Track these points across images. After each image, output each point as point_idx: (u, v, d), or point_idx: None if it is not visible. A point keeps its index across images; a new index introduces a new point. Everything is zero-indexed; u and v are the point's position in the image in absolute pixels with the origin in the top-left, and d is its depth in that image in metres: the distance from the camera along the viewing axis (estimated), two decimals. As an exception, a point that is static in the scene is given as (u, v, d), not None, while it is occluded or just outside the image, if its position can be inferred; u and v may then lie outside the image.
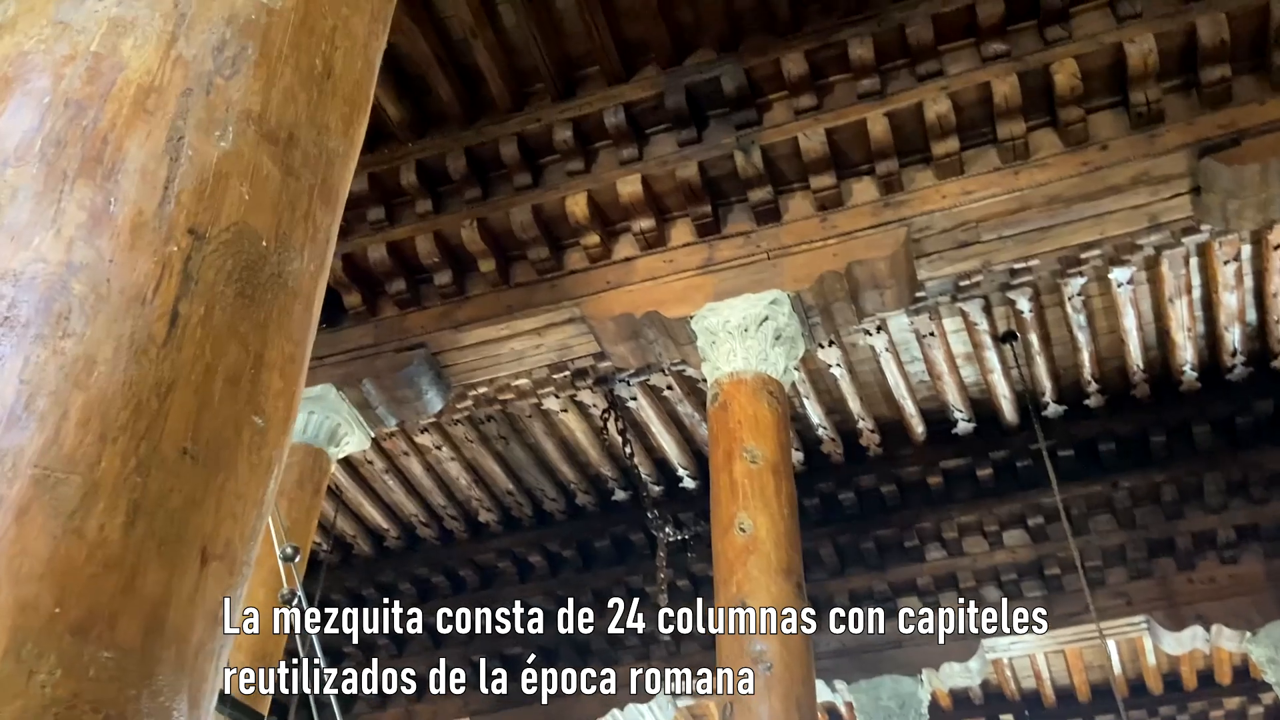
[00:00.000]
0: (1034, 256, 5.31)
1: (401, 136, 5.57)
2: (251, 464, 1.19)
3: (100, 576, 1.00)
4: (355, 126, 1.49)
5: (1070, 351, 6.69)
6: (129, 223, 1.13)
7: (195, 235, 1.15)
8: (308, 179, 1.32)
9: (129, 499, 1.05)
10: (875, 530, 7.50)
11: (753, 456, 4.60)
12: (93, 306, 1.08)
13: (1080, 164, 4.88)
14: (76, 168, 1.15)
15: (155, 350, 1.12)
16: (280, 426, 1.24)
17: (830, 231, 5.19)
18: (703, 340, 5.17)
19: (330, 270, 5.33)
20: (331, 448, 5.78)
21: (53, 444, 1.03)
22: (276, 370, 1.24)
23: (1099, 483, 7.08)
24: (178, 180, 1.17)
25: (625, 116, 5.27)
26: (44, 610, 0.96)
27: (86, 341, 1.08)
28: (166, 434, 1.10)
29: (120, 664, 0.99)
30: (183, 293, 1.13)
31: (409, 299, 5.77)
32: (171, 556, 1.07)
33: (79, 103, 1.20)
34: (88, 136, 1.18)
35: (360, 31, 1.48)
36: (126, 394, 1.08)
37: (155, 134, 1.20)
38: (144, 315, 1.12)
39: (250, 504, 1.17)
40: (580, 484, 7.80)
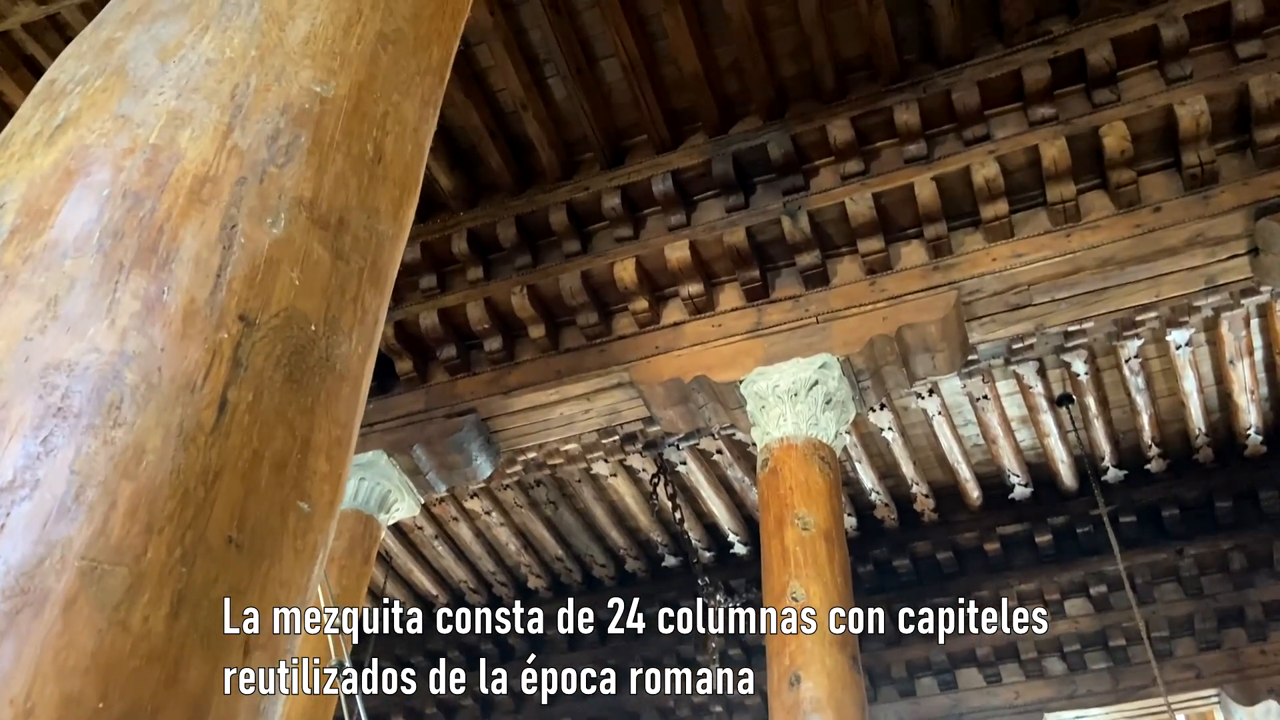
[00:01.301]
0: (1088, 319, 5.23)
1: (453, 206, 5.68)
2: (296, 550, 1.18)
3: (143, 669, 1.00)
4: (405, 209, 1.51)
5: (1129, 414, 6.54)
6: (181, 311, 1.15)
7: (245, 321, 1.17)
8: (357, 262, 1.34)
9: (173, 590, 1.05)
10: (932, 598, 7.32)
11: (804, 523, 4.53)
12: (144, 395, 1.09)
13: (1133, 226, 4.81)
14: (133, 258, 1.18)
15: (204, 438, 1.13)
16: (325, 510, 1.24)
17: (879, 295, 5.16)
18: (752, 405, 5.14)
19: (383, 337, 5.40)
20: (382, 514, 5.80)
21: (100, 535, 1.03)
22: (323, 454, 1.24)
23: (1164, 550, 6.86)
24: (230, 268, 1.19)
25: (673, 184, 5.32)
26: (88, 706, 0.95)
27: (137, 430, 1.09)
28: (212, 523, 1.10)
29: None
30: (232, 379, 1.14)
31: (459, 365, 5.82)
32: (215, 648, 1.06)
33: (137, 194, 1.23)
34: (144, 227, 1.21)
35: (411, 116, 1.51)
36: (174, 483, 1.09)
37: (209, 223, 1.23)
38: (193, 403, 1.13)
39: (294, 590, 1.16)
40: (630, 550, 7.74)
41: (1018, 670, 7.22)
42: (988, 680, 7.27)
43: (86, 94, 1.30)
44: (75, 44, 1.41)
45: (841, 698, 3.99)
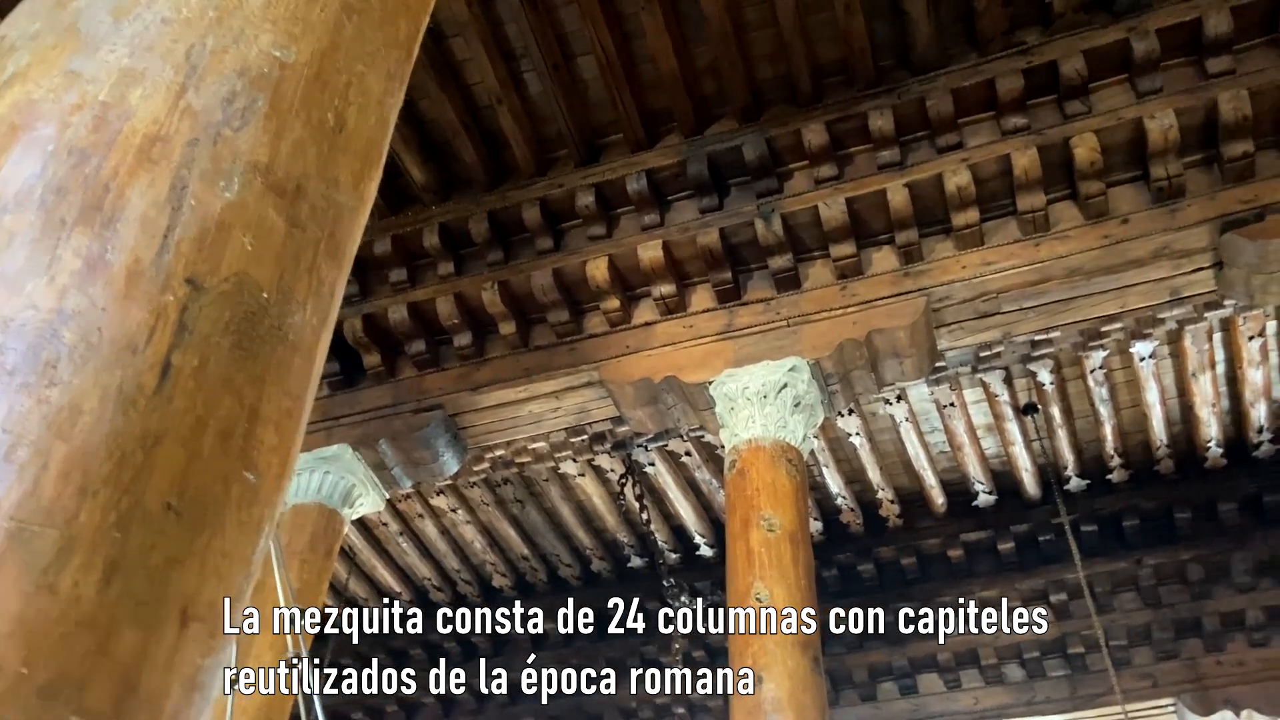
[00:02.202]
0: (1055, 328, 5.27)
1: (425, 199, 5.64)
2: (240, 522, 1.15)
3: (72, 636, 0.97)
4: (367, 182, 1.48)
5: (1092, 425, 6.60)
6: (125, 271, 1.12)
7: (193, 285, 1.14)
8: (314, 232, 1.31)
9: (107, 555, 1.01)
10: (894, 603, 7.35)
11: (770, 525, 4.52)
12: (82, 355, 1.06)
13: (1101, 237, 4.86)
14: (76, 215, 1.14)
15: (144, 401, 1.09)
16: (274, 484, 1.21)
17: (850, 300, 5.17)
18: (721, 406, 5.13)
19: (350, 330, 5.35)
20: (346, 509, 5.74)
21: (31, 496, 1.00)
22: (272, 425, 1.21)
23: (1123, 559, 6.93)
24: (178, 229, 1.16)
25: (648, 183, 5.31)
26: (10, 670, 0.92)
27: (73, 391, 1.06)
28: (151, 488, 1.07)
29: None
30: (176, 343, 1.11)
31: (428, 360, 5.78)
32: (148, 617, 1.03)
33: (83, 150, 1.20)
34: (89, 184, 1.18)
35: (375, 88, 1.48)
36: (111, 446, 1.05)
37: (158, 182, 1.20)
38: (135, 365, 1.10)
39: (237, 563, 1.13)
40: (596, 550, 7.71)
41: (977, 676, 7.27)
42: (948, 686, 7.31)
43: (36, 50, 1.26)
44: (29, 1, 1.37)
45: (803, 699, 3.99)
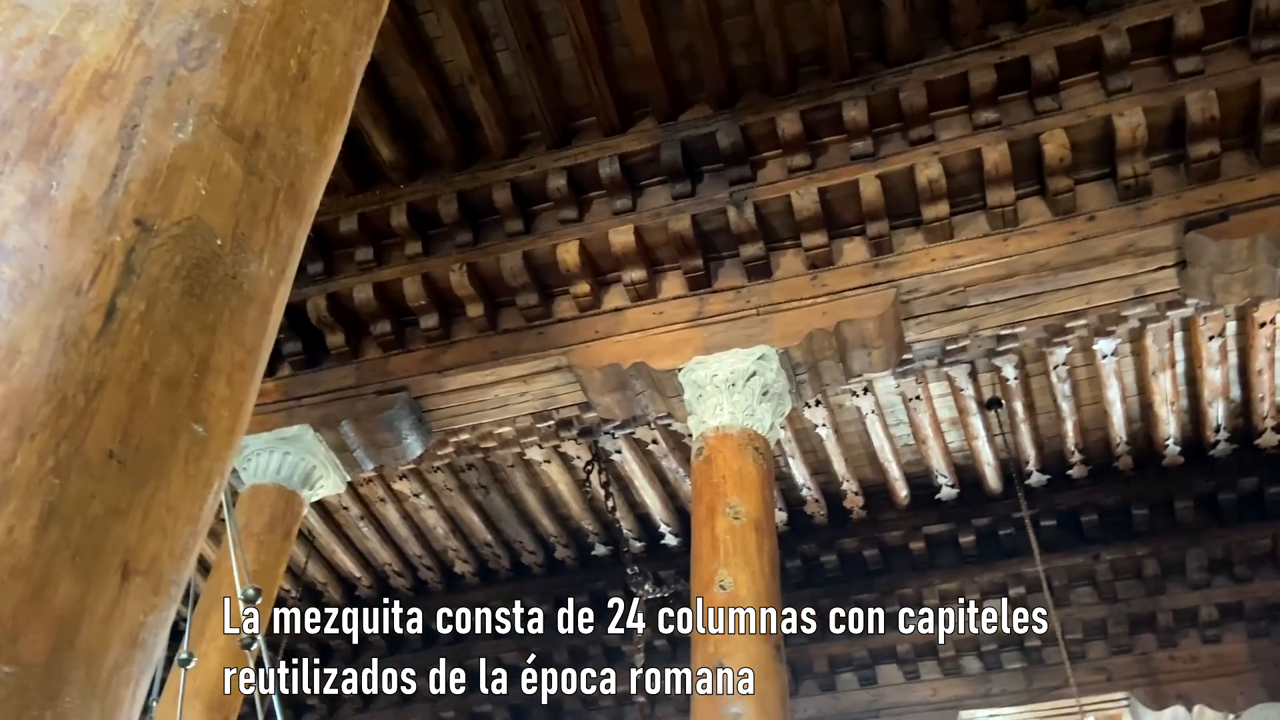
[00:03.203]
0: (1021, 323, 5.30)
1: (394, 178, 5.57)
2: (188, 474, 1.11)
3: (5, 584, 0.93)
4: (330, 133, 1.44)
5: (1054, 421, 6.66)
6: (70, 208, 1.07)
7: (142, 227, 1.09)
8: (273, 181, 1.27)
9: (44, 501, 0.97)
10: (856, 594, 7.39)
11: (735, 512, 4.52)
12: (22, 293, 1.01)
13: (1068, 233, 4.89)
14: (20, 149, 1.09)
15: (87, 344, 1.05)
16: (224, 438, 1.17)
17: (820, 290, 5.17)
18: (689, 393, 5.12)
19: (314, 309, 5.27)
20: (305, 490, 5.66)
21: None
22: (223, 376, 1.17)
23: (1081, 554, 7.00)
24: (128, 169, 1.11)
25: (620, 167, 5.27)
26: None
27: (12, 329, 1.01)
28: (92, 434, 1.02)
29: (21, 681, 0.91)
30: (123, 285, 1.07)
31: (393, 341, 5.71)
32: (87, 568, 0.99)
33: (30, 84, 1.15)
34: (35, 118, 1.13)
35: (341, 39, 1.43)
36: (50, 388, 1.01)
37: (108, 120, 1.15)
38: (78, 306, 1.05)
39: (183, 518, 1.09)
40: (560, 537, 7.68)
41: (936, 668, 7.32)
42: (906, 677, 7.36)
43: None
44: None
45: (765, 687, 3.99)
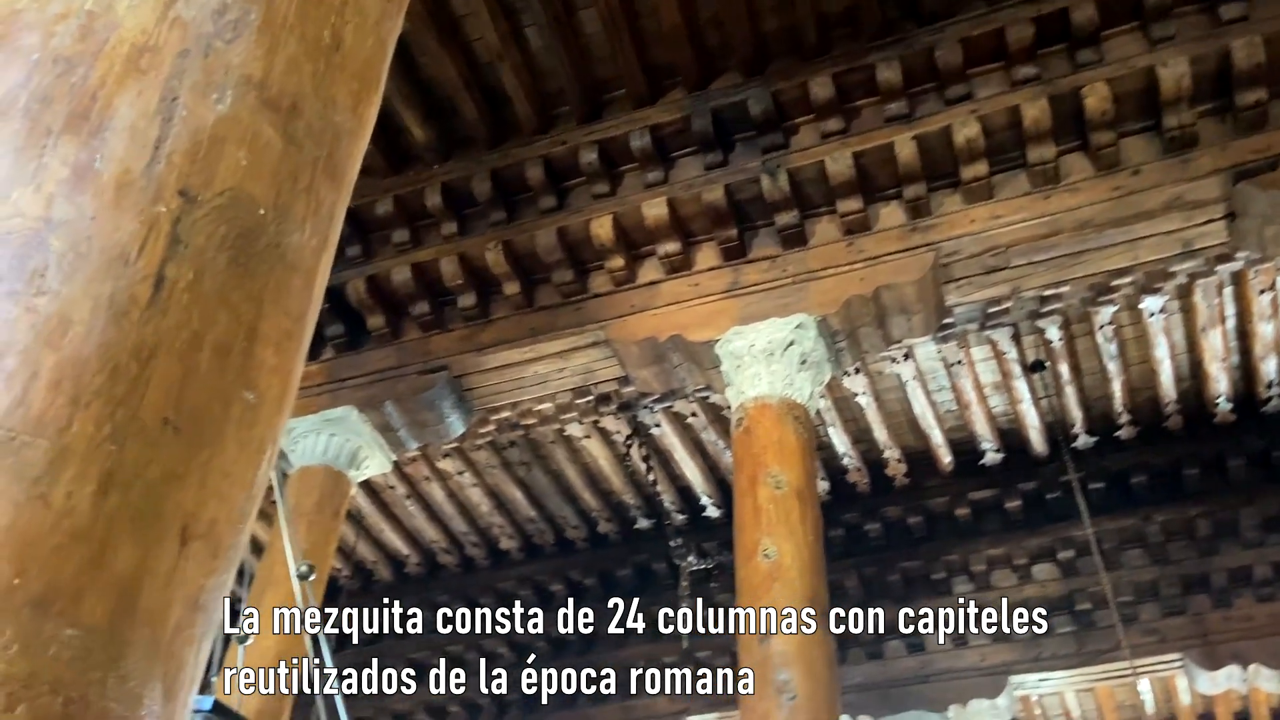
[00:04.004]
0: (1064, 283, 5.22)
1: (427, 159, 5.58)
2: (241, 441, 1.13)
3: (66, 548, 0.95)
4: (365, 104, 1.45)
5: (1101, 382, 6.56)
6: (114, 180, 1.09)
7: (186, 197, 1.11)
8: (311, 151, 1.28)
9: (101, 468, 0.99)
10: (901, 562, 7.36)
11: (777, 482, 4.51)
12: (71, 264, 1.03)
13: (1112, 188, 4.80)
14: (62, 124, 1.11)
15: (137, 313, 1.06)
16: (274, 405, 1.18)
17: (857, 256, 5.12)
18: (727, 364, 5.10)
19: (354, 292, 5.31)
20: (352, 470, 5.74)
21: (19, 405, 0.98)
22: (271, 345, 1.19)
23: (1131, 516, 6.91)
24: (169, 141, 1.13)
25: (651, 139, 5.25)
26: (1, 581, 0.89)
27: (63, 300, 1.03)
28: (146, 402, 1.04)
29: (85, 644, 0.93)
30: (170, 255, 1.08)
31: (432, 321, 5.74)
32: (147, 532, 1.01)
33: (69, 59, 1.17)
34: (76, 93, 1.14)
35: (372, 9, 1.44)
36: (103, 357, 1.03)
37: (147, 93, 1.17)
38: (127, 276, 1.07)
39: (238, 484, 1.11)
40: (603, 512, 7.72)
41: (984, 634, 7.28)
42: (955, 643, 7.33)
43: (19, -39, 1.22)
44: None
45: (812, 654, 3.99)
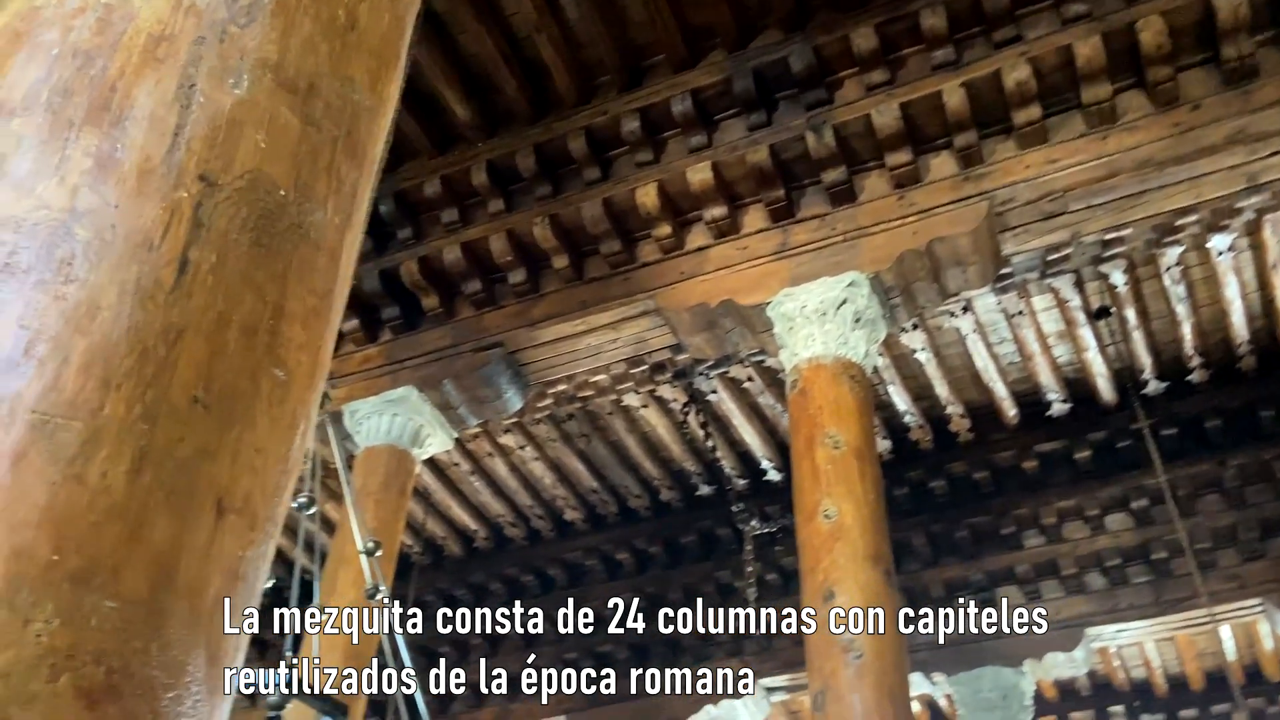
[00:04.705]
0: (1126, 225, 5.07)
1: (471, 137, 5.61)
2: (273, 417, 1.16)
3: (102, 525, 0.98)
4: (385, 82, 1.46)
5: (1170, 325, 6.39)
6: (136, 169, 1.12)
7: (206, 182, 1.13)
8: (330, 130, 1.30)
9: (134, 446, 1.02)
10: (969, 518, 7.28)
11: (835, 442, 4.48)
12: (97, 252, 1.07)
13: (1171, 125, 4.64)
14: (83, 116, 1.14)
15: (163, 296, 1.09)
16: (304, 381, 1.21)
17: (908, 209, 5.04)
18: (780, 326, 5.07)
19: (408, 273, 5.38)
20: (415, 449, 5.84)
21: (52, 389, 1.01)
22: (298, 323, 1.21)
23: (1206, 461, 6.74)
24: (188, 127, 1.15)
25: (693, 103, 5.20)
26: (40, 558, 0.94)
27: (90, 287, 1.06)
28: (175, 382, 1.07)
29: (125, 615, 0.97)
30: (193, 239, 1.11)
31: (485, 299, 5.80)
32: (182, 507, 1.04)
33: (87, 53, 1.20)
34: (95, 85, 1.17)
35: (387, -14, 1.45)
36: (131, 340, 1.06)
37: (165, 81, 1.19)
38: (151, 261, 1.10)
39: (272, 458, 1.14)
40: (664, 480, 7.75)
41: (1058, 587, 7.18)
42: (1027, 597, 7.25)
43: (37, -42, 1.25)
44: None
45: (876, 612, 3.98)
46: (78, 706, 0.91)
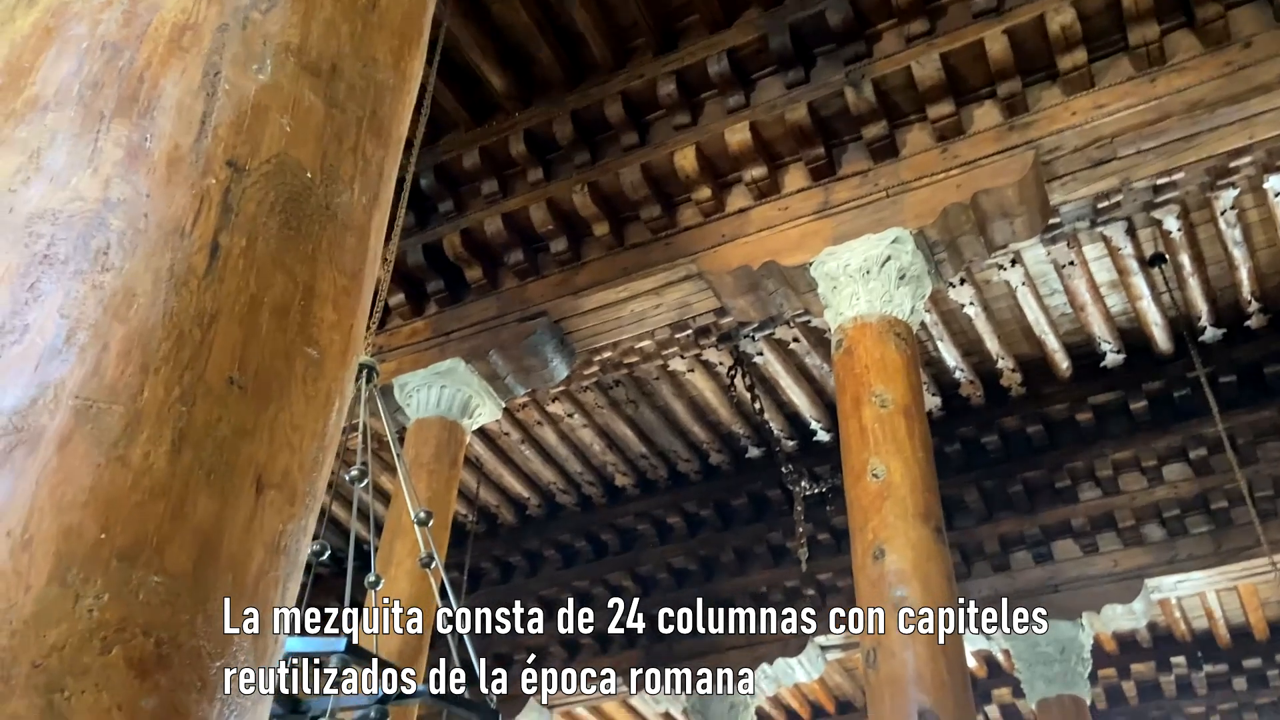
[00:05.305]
0: (1178, 169, 4.95)
1: (508, 107, 5.61)
2: (307, 395, 1.20)
3: (146, 504, 1.02)
4: (408, 59, 1.47)
5: (1226, 270, 6.23)
6: (165, 158, 1.15)
7: (234, 168, 1.16)
8: (354, 111, 1.32)
9: (174, 427, 1.06)
10: (1022, 473, 7.21)
11: (882, 400, 4.45)
12: (131, 241, 1.10)
13: (1223, 64, 4.50)
14: (113, 107, 1.18)
15: (196, 282, 1.13)
16: (337, 359, 1.24)
17: (952, 162, 4.95)
18: (823, 286, 5.03)
19: (450, 246, 5.43)
20: (465, 419, 5.91)
21: (94, 375, 1.05)
22: (329, 302, 1.24)
23: (1266, 408, 6.59)
24: (215, 114, 1.18)
25: (729, 63, 5.15)
26: (89, 536, 0.98)
27: (125, 275, 1.10)
28: (211, 364, 1.11)
29: (171, 589, 1.01)
30: (223, 225, 1.14)
31: (528, 269, 5.83)
32: (222, 484, 1.08)
33: (115, 45, 1.22)
34: (124, 77, 1.20)
35: (407, -35, 1.46)
36: (167, 325, 1.10)
37: (191, 70, 1.22)
38: (183, 248, 1.13)
39: (309, 435, 1.18)
40: (713, 443, 7.77)
41: (1115, 539, 7.10)
42: (1084, 550, 7.17)
43: (65, -45, 1.28)
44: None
45: (927, 569, 3.97)
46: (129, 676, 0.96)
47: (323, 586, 7.34)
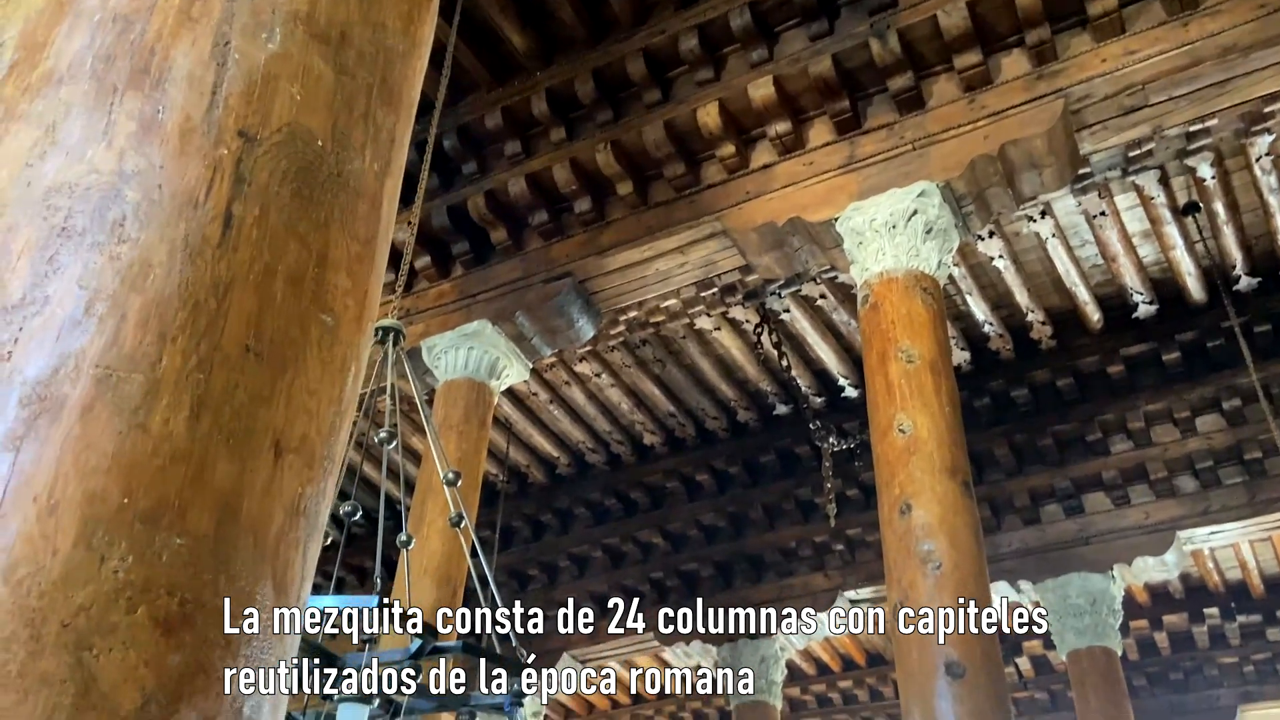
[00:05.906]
0: (1212, 116, 4.83)
1: (529, 67, 5.58)
2: (323, 361, 1.22)
3: (167, 468, 1.06)
4: (418, 24, 1.47)
5: (1262, 218, 6.11)
6: (178, 129, 1.17)
7: (246, 138, 1.18)
8: (364, 78, 1.32)
9: (193, 394, 1.09)
10: (1053, 426, 7.16)
11: (908, 356, 4.44)
12: (146, 212, 1.12)
13: (1257, 6, 4.39)
14: (126, 80, 1.19)
15: (211, 251, 1.15)
16: (352, 325, 1.27)
17: (979, 113, 4.88)
18: (849, 241, 4.99)
19: (475, 208, 5.43)
20: (493, 381, 5.96)
21: (113, 345, 1.08)
22: (343, 269, 1.26)
23: (1303, 358, 6.49)
24: (225, 85, 1.20)
25: (751, 16, 5.08)
26: (112, 501, 1.02)
27: (142, 246, 1.12)
28: (228, 332, 1.14)
29: (193, 550, 1.05)
30: (235, 194, 1.16)
31: (552, 229, 5.83)
32: (241, 449, 1.11)
33: (126, 17, 1.24)
34: (135, 49, 1.22)
35: (414, -71, 1.45)
36: (184, 294, 1.12)
37: (201, 41, 1.23)
38: (197, 218, 1.15)
39: (325, 400, 1.20)
40: (740, 401, 7.78)
41: (1147, 491, 7.06)
42: (1115, 503, 7.14)
43: (76, -71, 1.29)
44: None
45: (954, 523, 3.98)
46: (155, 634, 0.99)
47: (358, 545, 7.47)
